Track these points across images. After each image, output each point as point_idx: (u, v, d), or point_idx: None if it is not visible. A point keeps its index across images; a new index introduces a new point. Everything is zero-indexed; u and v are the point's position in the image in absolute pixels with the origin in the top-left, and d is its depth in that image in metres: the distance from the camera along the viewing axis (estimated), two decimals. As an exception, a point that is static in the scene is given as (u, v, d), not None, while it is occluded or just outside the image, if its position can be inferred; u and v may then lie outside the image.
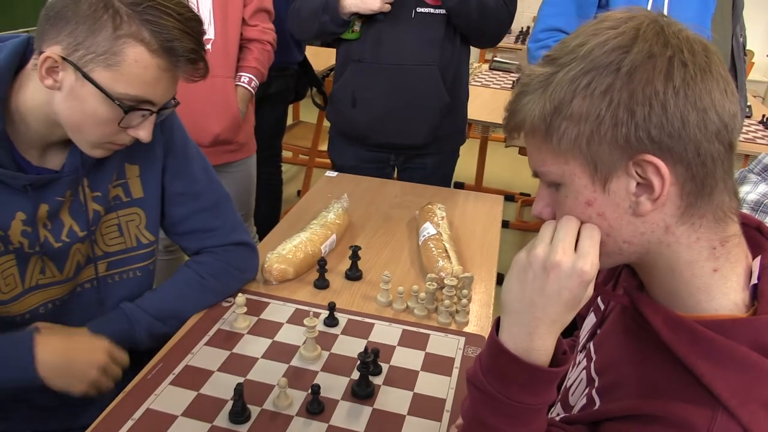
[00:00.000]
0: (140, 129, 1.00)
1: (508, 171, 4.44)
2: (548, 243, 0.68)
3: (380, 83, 1.92)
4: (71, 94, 0.94)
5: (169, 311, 1.19)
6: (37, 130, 1.00)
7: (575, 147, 0.65)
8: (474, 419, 0.73)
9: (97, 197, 1.11)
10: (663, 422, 0.64)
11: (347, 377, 1.09)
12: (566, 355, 0.71)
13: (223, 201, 1.28)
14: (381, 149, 2.05)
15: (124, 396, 1.02)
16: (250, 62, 2.08)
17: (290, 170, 4.25)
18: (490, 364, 0.71)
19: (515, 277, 0.70)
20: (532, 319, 0.68)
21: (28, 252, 1.04)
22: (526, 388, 0.69)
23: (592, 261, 0.66)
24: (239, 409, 0.98)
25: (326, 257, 1.41)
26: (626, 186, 0.65)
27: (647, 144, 0.62)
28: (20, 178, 0.99)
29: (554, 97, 0.65)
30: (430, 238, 1.46)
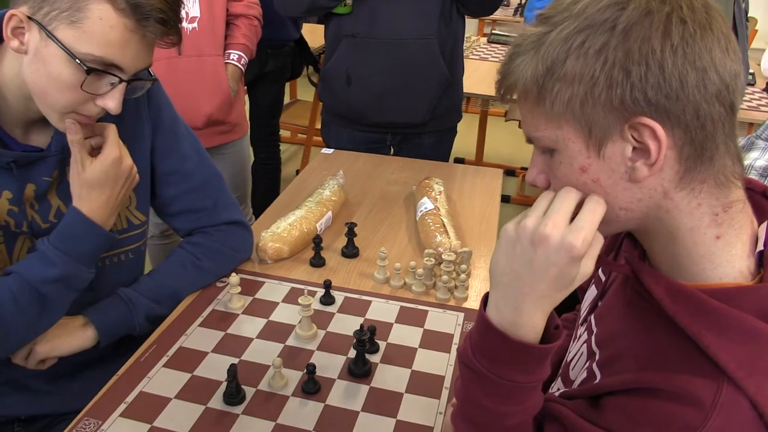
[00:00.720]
0: (108, 98, 0.94)
1: (509, 145, 4.40)
2: (540, 215, 0.65)
3: (376, 59, 1.85)
4: (36, 55, 0.90)
5: (166, 294, 1.17)
6: (16, 106, 0.97)
7: (568, 110, 0.62)
8: (466, 398, 0.71)
9: None
10: (666, 395, 0.62)
11: (344, 356, 1.07)
12: (558, 330, 0.69)
13: (214, 179, 1.25)
14: (377, 129, 1.99)
15: (117, 379, 1.00)
16: (239, 39, 2.03)
17: (288, 150, 4.21)
18: (479, 342, 0.69)
19: (503, 249, 0.67)
20: (519, 294, 0.66)
21: (15, 231, 1.02)
22: (516, 365, 0.67)
23: (584, 237, 0.62)
24: (233, 390, 0.96)
25: (322, 235, 1.38)
26: (622, 151, 0.62)
27: (643, 106, 0.59)
28: (4, 155, 0.97)
29: (547, 58, 0.62)
30: (428, 213, 1.44)
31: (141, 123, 1.13)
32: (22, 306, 0.97)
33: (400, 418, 0.95)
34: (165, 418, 0.93)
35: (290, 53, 2.71)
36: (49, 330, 1.03)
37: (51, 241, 0.99)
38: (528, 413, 0.71)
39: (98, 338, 1.07)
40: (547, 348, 0.66)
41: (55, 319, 1.03)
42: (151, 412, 0.94)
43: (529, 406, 0.70)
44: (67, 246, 0.99)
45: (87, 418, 0.93)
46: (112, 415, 0.93)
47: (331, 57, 1.93)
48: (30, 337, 1.02)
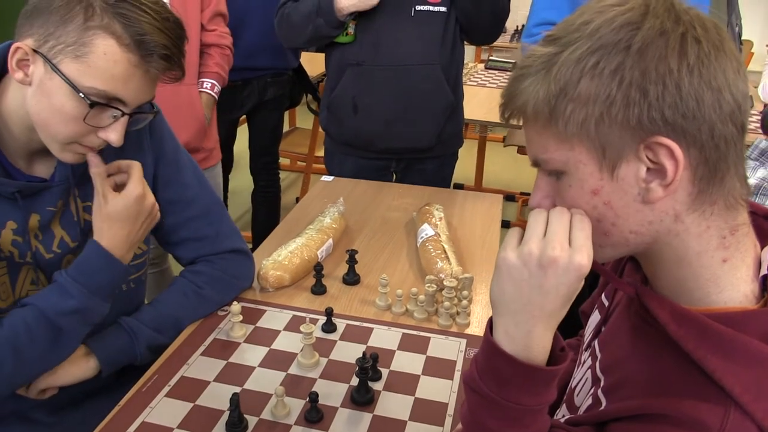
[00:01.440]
0: (110, 131, 0.95)
1: (508, 171, 4.42)
2: (540, 238, 0.65)
3: (382, 86, 1.86)
4: (40, 87, 0.92)
5: (168, 323, 1.17)
6: (19, 137, 0.99)
7: (582, 131, 0.62)
8: (473, 423, 0.71)
9: (88, 207, 1.09)
10: (672, 421, 0.61)
11: (346, 384, 1.07)
12: (564, 352, 0.69)
13: (215, 207, 1.26)
14: (382, 156, 2.00)
15: (119, 409, 1.00)
16: (212, 67, 2.05)
17: (288, 177, 4.23)
18: (486, 366, 0.69)
19: (506, 277, 0.67)
20: (530, 318, 0.66)
21: (18, 261, 1.02)
22: (524, 388, 0.67)
23: (588, 254, 0.64)
24: (236, 419, 0.95)
25: (323, 262, 1.39)
26: (636, 171, 0.62)
27: (660, 125, 0.59)
28: (8, 185, 0.98)
29: (559, 78, 0.61)
30: (429, 240, 1.44)
31: (142, 153, 1.14)
32: (35, 337, 0.97)
33: (403, 447, 0.94)
34: (167, 449, 0.92)
35: (289, 81, 2.73)
36: None
37: (69, 273, 1.00)
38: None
39: (100, 368, 1.07)
40: (555, 370, 0.66)
41: (67, 353, 1.03)
42: (153, 443, 0.93)
43: (536, 429, 0.69)
44: (85, 278, 1.00)
45: (89, 450, 0.92)
46: (113, 446, 0.93)
47: (336, 86, 1.93)
48: (42, 369, 1.01)
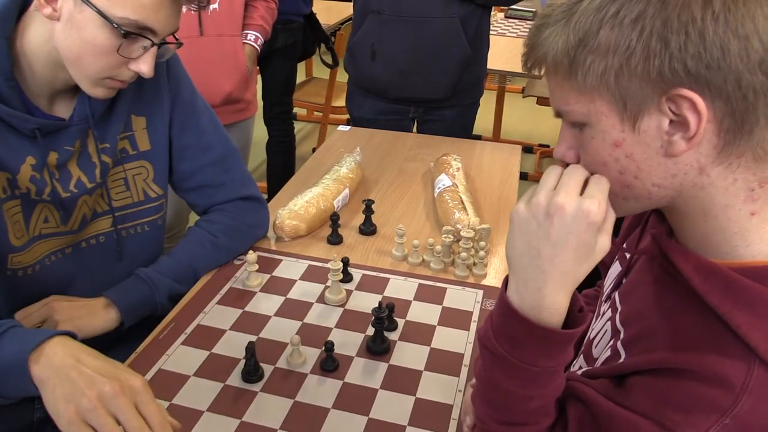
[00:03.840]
0: (141, 62, 0.95)
1: (527, 122, 4.35)
2: (551, 189, 0.63)
3: (401, 36, 1.86)
4: (70, 22, 0.91)
5: (185, 272, 1.16)
6: (43, 75, 0.97)
7: (602, 83, 0.59)
8: (487, 381, 0.69)
9: (105, 149, 1.08)
10: (694, 376, 0.60)
11: (362, 334, 1.06)
12: (583, 313, 0.67)
13: (231, 154, 1.24)
14: (400, 102, 2.00)
15: (135, 356, 1.01)
16: (256, 20, 2.07)
17: (305, 128, 4.19)
18: (502, 326, 0.67)
19: (517, 230, 0.65)
20: (540, 273, 0.64)
21: (34, 199, 1.02)
22: (539, 351, 0.65)
23: (599, 202, 0.62)
24: (252, 367, 0.95)
25: (339, 212, 1.37)
26: (658, 124, 0.59)
27: (683, 77, 0.56)
28: (29, 121, 0.97)
29: (578, 28, 0.59)
30: (446, 190, 1.42)
31: (160, 96, 1.13)
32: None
33: (419, 396, 0.94)
34: (184, 395, 0.93)
35: (300, 29, 2.68)
36: (72, 311, 1.03)
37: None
38: (550, 396, 0.69)
39: (121, 319, 1.07)
40: (572, 333, 0.64)
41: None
42: (169, 389, 0.94)
43: (552, 389, 0.68)
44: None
45: (107, 395, 0.93)
46: (131, 392, 0.93)
47: (358, 31, 1.94)
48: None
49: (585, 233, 0.62)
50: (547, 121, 4.32)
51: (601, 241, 0.63)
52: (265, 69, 2.65)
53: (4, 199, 0.99)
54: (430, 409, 0.92)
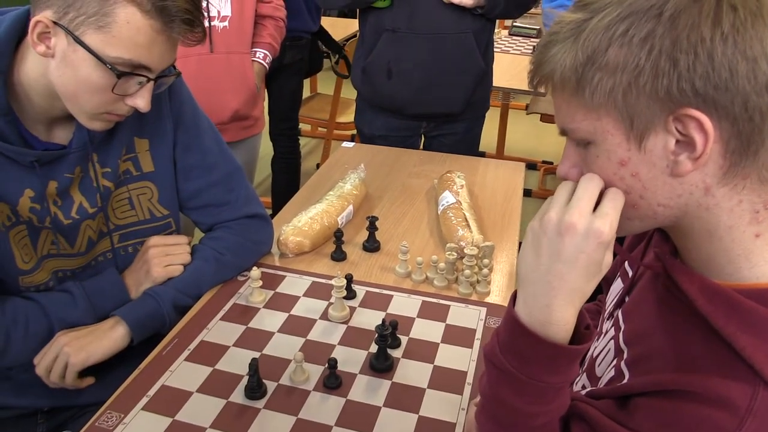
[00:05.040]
0: (137, 97, 0.95)
1: (530, 138, 4.36)
2: (562, 205, 0.64)
3: (417, 53, 1.88)
4: (64, 60, 0.91)
5: (189, 288, 1.17)
6: (40, 104, 0.98)
7: (610, 100, 0.60)
8: (492, 397, 0.69)
9: (107, 173, 1.09)
10: (699, 398, 0.59)
11: (365, 351, 1.06)
12: (589, 330, 0.66)
13: (235, 173, 1.25)
14: (414, 118, 2.03)
15: (138, 373, 1.01)
16: (265, 38, 2.10)
17: (309, 144, 4.21)
18: (509, 342, 0.67)
19: (529, 245, 0.66)
20: (549, 289, 0.64)
21: (38, 226, 1.03)
22: (547, 366, 0.65)
23: (611, 222, 0.62)
24: (255, 384, 0.95)
25: (343, 229, 1.37)
26: (664, 143, 0.59)
27: (690, 97, 0.56)
28: (27, 154, 0.97)
29: (587, 46, 0.59)
30: (450, 207, 1.42)
31: (162, 119, 1.13)
32: (30, 333, 1.03)
33: (422, 414, 0.94)
34: (187, 411, 0.93)
35: (308, 45, 2.71)
36: (79, 340, 1.04)
37: (85, 290, 1.08)
38: (555, 413, 0.69)
39: (131, 335, 1.07)
40: (579, 349, 0.64)
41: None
42: (172, 405, 0.94)
43: (557, 406, 0.68)
44: (97, 300, 1.09)
45: (109, 411, 0.93)
46: (134, 408, 0.93)
47: (372, 51, 1.95)
48: (21, 360, 1.06)
49: (595, 252, 0.62)
50: (550, 138, 4.33)
51: (607, 257, 0.63)
52: (272, 85, 2.67)
53: (10, 226, 1.00)
54: (433, 427, 0.92)
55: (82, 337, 1.05)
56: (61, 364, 1.03)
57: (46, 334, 1.04)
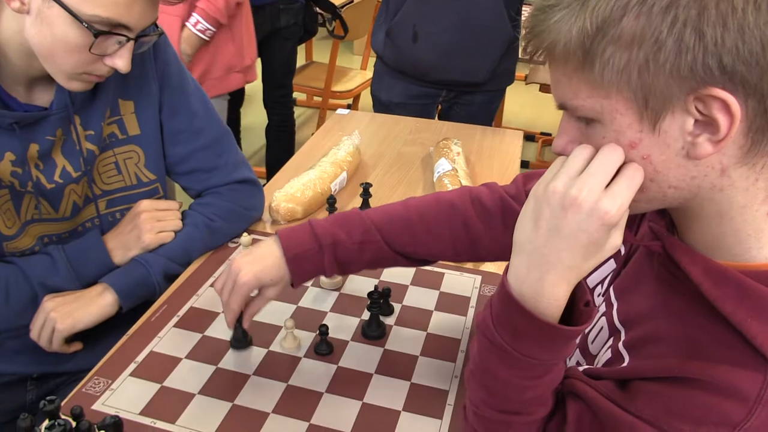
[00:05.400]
0: (117, 58, 0.91)
1: (529, 110, 4.31)
2: (572, 176, 0.58)
3: (444, 16, 1.83)
4: (39, 17, 0.87)
5: (179, 255, 1.14)
6: (18, 64, 0.94)
7: (622, 78, 0.53)
8: (483, 367, 0.67)
9: (90, 136, 1.05)
10: (705, 386, 0.56)
11: (357, 318, 1.05)
12: (589, 307, 0.63)
13: (224, 138, 1.22)
14: (436, 85, 1.97)
15: (126, 339, 0.99)
16: (202, 2, 1.96)
17: (304, 113, 4.16)
18: (502, 315, 0.64)
19: (529, 213, 0.62)
20: (543, 263, 0.60)
21: (20, 190, 1.00)
22: (541, 344, 0.62)
23: (621, 204, 0.57)
24: (240, 335, 0.96)
25: (336, 195, 1.35)
26: (681, 124, 0.54)
27: (716, 74, 0.51)
28: (6, 116, 0.94)
29: (597, 14, 0.52)
30: (445, 174, 1.40)
31: (147, 80, 1.10)
32: (11, 299, 1.01)
33: (414, 381, 0.92)
34: (175, 377, 0.92)
35: (302, 11, 2.63)
36: (66, 305, 1.02)
37: (66, 254, 1.05)
38: (547, 386, 0.67)
39: (119, 303, 1.05)
40: (575, 330, 0.61)
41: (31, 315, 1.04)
42: (161, 371, 0.93)
43: (549, 379, 0.66)
44: (78, 265, 1.06)
45: (97, 377, 0.91)
46: (122, 374, 0.92)
47: (398, 13, 1.89)
48: (9, 323, 1.05)
49: (597, 232, 0.57)
50: (550, 110, 4.27)
51: (613, 238, 0.59)
52: (265, 51, 2.61)
53: None
54: (426, 394, 0.90)
55: (69, 303, 1.03)
56: (48, 329, 1.02)
57: (28, 298, 1.02)
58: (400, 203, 0.95)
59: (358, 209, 0.99)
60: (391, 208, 0.95)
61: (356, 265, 0.92)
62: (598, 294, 0.80)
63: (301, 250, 0.89)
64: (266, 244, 0.91)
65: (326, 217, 0.93)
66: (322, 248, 0.89)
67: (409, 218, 0.92)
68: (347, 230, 0.90)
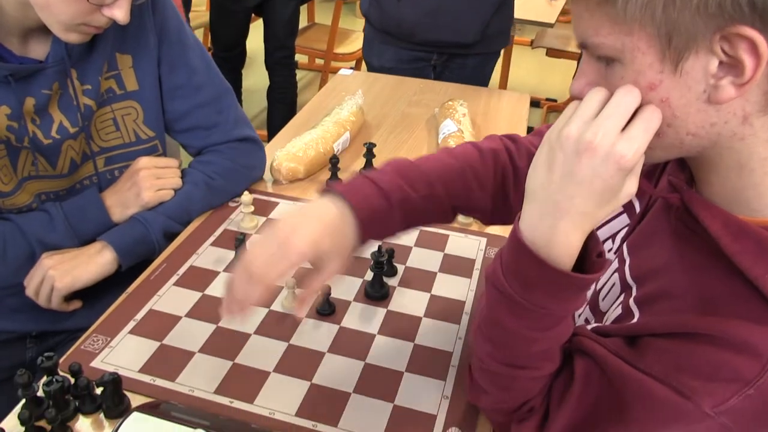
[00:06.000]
0: (115, 8, 0.88)
1: (534, 75, 4.25)
2: (587, 120, 0.56)
3: None
4: None
5: (179, 213, 1.12)
6: (12, 14, 0.91)
7: (646, 14, 0.51)
8: (490, 319, 0.66)
9: (88, 90, 1.02)
10: (718, 342, 0.55)
11: (360, 278, 1.03)
12: (601, 258, 0.61)
13: (224, 94, 1.18)
14: (424, 48, 1.91)
15: (126, 297, 0.97)
16: None
17: (306, 76, 4.10)
18: (512, 264, 0.62)
19: (543, 159, 0.59)
20: (557, 209, 0.58)
21: (16, 146, 0.98)
22: (551, 293, 0.60)
23: (637, 148, 0.55)
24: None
25: (339, 156, 1.32)
26: (705, 65, 0.52)
27: (745, 11, 0.48)
28: (1, 68, 0.91)
29: None
30: (451, 136, 1.36)
31: (145, 33, 1.06)
32: (7, 255, 0.99)
33: (417, 343, 0.91)
34: (175, 336, 0.90)
35: None
36: (65, 263, 1.00)
37: (63, 211, 1.02)
38: (555, 341, 0.65)
39: (118, 261, 1.04)
40: (587, 279, 0.59)
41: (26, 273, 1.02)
42: (160, 329, 0.91)
43: (558, 333, 0.64)
44: (76, 222, 1.04)
45: (96, 335, 0.90)
46: (121, 332, 0.90)
47: None
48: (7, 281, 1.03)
49: (613, 178, 0.55)
50: (555, 75, 4.22)
51: (628, 185, 0.57)
52: (267, 10, 2.56)
53: None
54: (429, 355, 0.89)
55: (68, 261, 1.01)
56: (47, 287, 1.00)
57: (26, 255, 1.00)
58: (443, 152, 0.87)
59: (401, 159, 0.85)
60: (438, 157, 0.84)
61: (415, 225, 0.80)
62: (608, 250, 0.78)
63: (369, 207, 0.74)
64: (319, 201, 0.75)
65: (380, 168, 0.78)
66: (392, 206, 0.76)
67: (462, 169, 0.83)
68: (410, 182, 0.78)
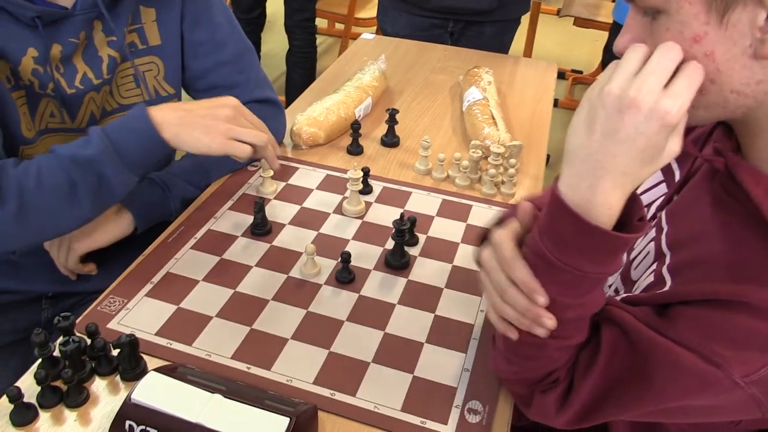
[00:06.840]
0: None
1: (560, 46, 4.15)
2: (629, 77, 0.54)
3: None
4: None
5: (198, 175, 1.10)
6: None
7: None
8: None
9: (113, 42, 1.00)
10: (751, 310, 0.53)
11: (381, 247, 1.00)
12: (642, 222, 0.59)
13: (246, 53, 1.16)
14: (440, 15, 1.85)
15: (143, 258, 0.96)
16: None
17: (325, 42, 4.03)
18: (547, 223, 0.59)
19: (583, 118, 0.57)
20: (597, 168, 0.55)
21: (38, 92, 0.95)
22: (586, 253, 0.58)
23: (681, 104, 0.52)
24: (259, 221, 0.97)
25: (360, 121, 1.29)
26: (752, 18, 0.50)
27: None
28: (27, 9, 0.89)
29: None
30: (476, 104, 1.32)
31: None
32: (43, 184, 0.84)
33: (438, 314, 0.89)
34: (192, 300, 0.89)
35: None
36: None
37: (103, 128, 0.88)
38: (588, 309, 0.63)
39: (135, 224, 1.02)
40: (626, 238, 0.57)
41: (77, 215, 0.88)
42: (177, 293, 0.90)
43: (590, 300, 0.62)
44: (116, 135, 0.87)
45: (112, 296, 0.89)
46: (137, 294, 0.89)
47: None
48: (47, 226, 0.87)
49: (657, 135, 0.53)
50: (582, 46, 4.12)
51: (672, 144, 0.55)
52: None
53: (10, 89, 0.92)
54: (450, 327, 0.87)
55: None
56: (64, 247, 0.99)
57: (62, 183, 0.84)
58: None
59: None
60: None
61: None
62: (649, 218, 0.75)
63: None
64: None
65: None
66: None
67: None
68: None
